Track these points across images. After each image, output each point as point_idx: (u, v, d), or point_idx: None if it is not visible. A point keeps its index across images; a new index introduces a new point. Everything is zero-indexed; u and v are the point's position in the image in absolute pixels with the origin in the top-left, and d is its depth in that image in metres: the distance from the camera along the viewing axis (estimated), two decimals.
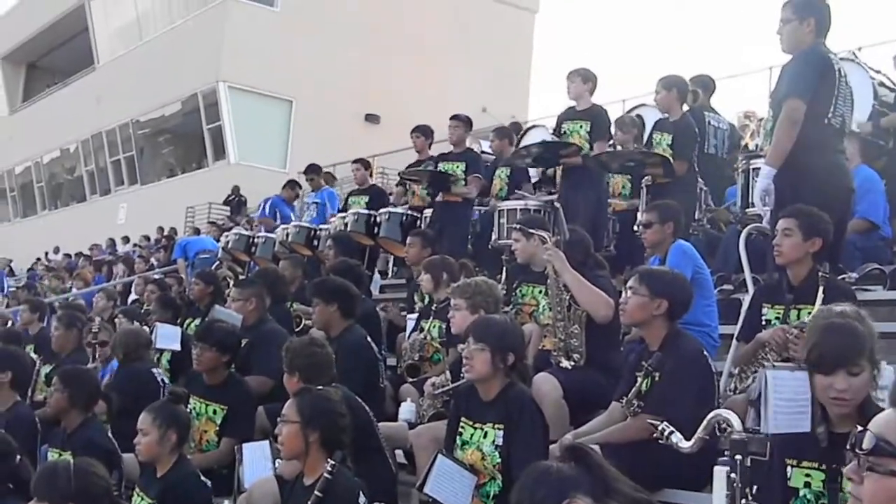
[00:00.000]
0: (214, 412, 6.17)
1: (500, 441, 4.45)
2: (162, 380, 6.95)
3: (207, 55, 30.03)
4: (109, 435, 5.76)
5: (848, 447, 1.98)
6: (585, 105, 9.01)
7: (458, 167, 9.97)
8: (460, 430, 4.66)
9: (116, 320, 8.98)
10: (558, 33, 76.24)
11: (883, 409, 2.10)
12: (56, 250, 30.06)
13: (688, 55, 62.18)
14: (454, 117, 10.36)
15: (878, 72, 8.41)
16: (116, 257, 23.21)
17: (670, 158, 7.96)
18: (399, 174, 12.82)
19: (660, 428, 3.46)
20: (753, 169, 6.62)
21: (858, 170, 6.99)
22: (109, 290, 13.03)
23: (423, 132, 11.09)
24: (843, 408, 3.38)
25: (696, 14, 76.48)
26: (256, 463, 4.94)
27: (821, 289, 4.73)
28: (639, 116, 10.34)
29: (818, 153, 5.53)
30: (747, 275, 6.34)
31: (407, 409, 6.17)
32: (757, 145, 8.78)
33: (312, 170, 13.70)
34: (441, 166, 10.16)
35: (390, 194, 13.62)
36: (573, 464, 2.59)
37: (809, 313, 4.56)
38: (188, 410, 5.69)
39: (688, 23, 77.56)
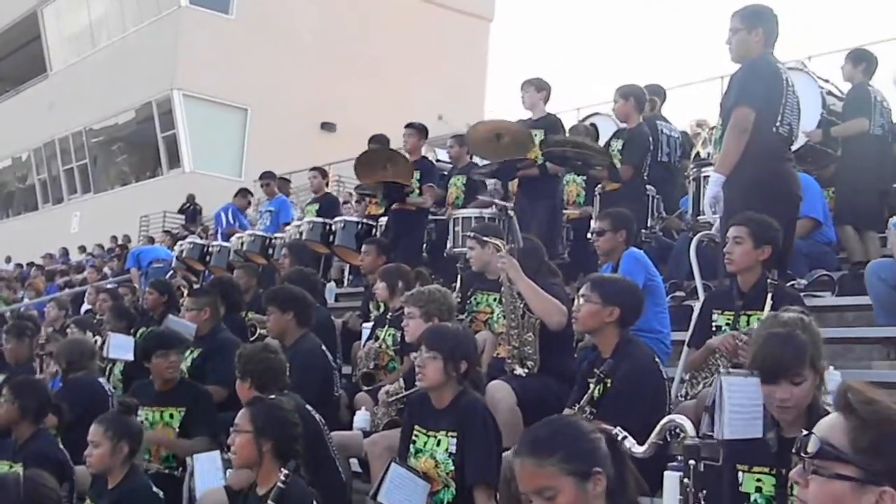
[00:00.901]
0: (171, 416, 6.10)
1: (453, 449, 4.45)
2: (108, 390, 6.87)
3: (162, 63, 29.77)
4: (61, 446, 5.67)
5: (794, 451, 2.01)
6: (540, 114, 9.05)
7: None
8: (414, 437, 4.64)
9: (68, 330, 8.85)
10: (513, 41, 76.73)
11: (829, 413, 2.13)
12: (7, 260, 29.62)
13: (641, 63, 62.81)
14: (409, 125, 10.36)
15: (826, 81, 8.50)
16: (69, 266, 22.93)
17: (616, 162, 8.00)
18: (355, 190, 12.76)
19: (613, 433, 3.47)
20: (704, 177, 6.65)
21: None
22: (61, 300, 12.89)
23: (379, 141, 11.05)
24: (787, 414, 3.43)
25: (650, 23, 77.21)
26: (207, 474, 4.91)
27: (769, 295, 4.79)
28: (592, 125, 10.41)
29: (766, 161, 5.60)
30: (698, 282, 6.40)
31: (361, 418, 6.16)
32: (708, 153, 8.85)
33: (267, 176, 13.65)
34: None
35: (345, 203, 13.57)
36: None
37: (759, 319, 4.61)
38: (139, 421, 5.63)
39: (641, 31, 78.29)
